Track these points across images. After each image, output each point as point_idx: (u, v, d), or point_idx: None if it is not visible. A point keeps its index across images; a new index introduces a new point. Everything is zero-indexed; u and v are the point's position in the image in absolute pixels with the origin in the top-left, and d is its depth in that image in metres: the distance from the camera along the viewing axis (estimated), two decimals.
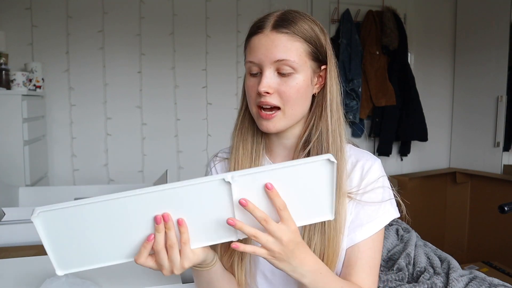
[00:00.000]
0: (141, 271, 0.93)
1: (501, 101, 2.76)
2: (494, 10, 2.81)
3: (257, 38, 0.72)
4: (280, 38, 0.71)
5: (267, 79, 0.71)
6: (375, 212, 0.75)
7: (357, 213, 0.75)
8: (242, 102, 0.82)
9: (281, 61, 0.70)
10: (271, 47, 0.70)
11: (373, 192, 0.76)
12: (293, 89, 0.71)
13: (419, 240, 1.52)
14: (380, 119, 2.99)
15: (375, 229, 0.74)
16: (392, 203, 0.77)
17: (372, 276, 0.74)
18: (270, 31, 0.71)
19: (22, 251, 1.17)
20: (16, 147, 1.89)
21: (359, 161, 0.78)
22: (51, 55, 2.40)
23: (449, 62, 3.24)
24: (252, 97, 0.74)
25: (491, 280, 1.19)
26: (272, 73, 0.71)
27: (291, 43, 0.71)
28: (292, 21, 0.72)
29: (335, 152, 0.75)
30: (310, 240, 0.72)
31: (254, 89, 0.73)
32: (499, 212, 1.28)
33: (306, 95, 0.74)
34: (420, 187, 2.97)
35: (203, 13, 2.69)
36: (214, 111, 2.76)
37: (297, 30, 0.71)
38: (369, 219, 0.74)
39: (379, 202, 0.75)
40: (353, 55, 2.82)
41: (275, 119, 0.73)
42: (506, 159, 2.79)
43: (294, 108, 0.73)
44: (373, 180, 0.76)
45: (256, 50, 0.72)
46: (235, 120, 0.84)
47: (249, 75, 0.75)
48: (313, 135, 0.76)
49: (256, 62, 0.72)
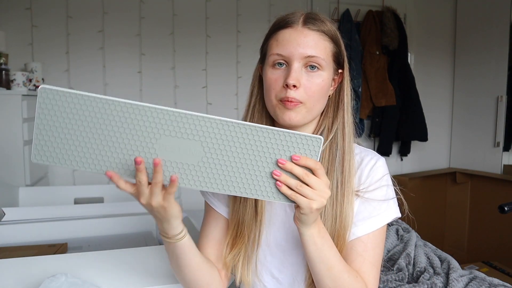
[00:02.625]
0: (141, 271, 0.93)
1: (501, 101, 2.76)
2: (494, 10, 2.81)
3: (287, 32, 0.73)
4: (312, 34, 0.72)
5: (296, 73, 0.71)
6: (378, 208, 0.76)
7: (360, 208, 0.76)
8: (250, 98, 0.82)
9: (311, 57, 0.71)
10: (302, 42, 0.71)
11: (378, 190, 0.77)
12: (318, 86, 0.73)
13: (419, 240, 1.52)
14: (380, 119, 3.00)
15: (377, 225, 0.75)
16: (394, 202, 0.78)
17: (373, 272, 0.75)
18: (301, 27, 0.72)
19: (22, 251, 1.17)
20: (16, 147, 1.89)
21: (365, 159, 0.79)
22: (51, 55, 2.40)
23: (449, 62, 3.24)
24: (276, 89, 0.73)
25: (491, 280, 1.19)
26: (300, 67, 0.72)
27: (321, 41, 0.72)
28: (321, 21, 0.73)
29: (348, 154, 0.76)
30: None
31: (278, 82, 0.73)
32: (499, 212, 1.29)
33: (326, 94, 0.76)
34: (420, 187, 2.97)
35: (203, 13, 2.69)
36: (214, 111, 2.76)
37: (326, 30, 0.73)
38: (372, 214, 0.75)
39: (383, 200, 0.76)
40: (353, 55, 2.82)
41: (298, 109, 0.72)
42: (506, 159, 2.79)
43: (316, 104, 0.74)
44: (378, 178, 0.77)
45: (286, 43, 0.72)
46: (242, 116, 0.84)
47: (272, 68, 0.74)
48: (326, 136, 0.77)
49: (285, 55, 0.72)
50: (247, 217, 0.78)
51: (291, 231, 0.79)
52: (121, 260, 0.99)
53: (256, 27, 2.69)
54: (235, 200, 0.80)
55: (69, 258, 1.02)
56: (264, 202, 0.79)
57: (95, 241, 1.34)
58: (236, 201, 0.79)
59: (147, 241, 1.35)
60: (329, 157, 0.76)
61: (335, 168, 0.75)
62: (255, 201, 0.78)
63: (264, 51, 0.78)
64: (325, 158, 0.77)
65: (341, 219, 0.73)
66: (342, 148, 0.76)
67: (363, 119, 2.99)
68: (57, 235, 1.35)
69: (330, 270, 0.69)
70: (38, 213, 1.42)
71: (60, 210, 1.45)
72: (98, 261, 0.98)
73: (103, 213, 1.49)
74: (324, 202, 0.62)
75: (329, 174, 0.75)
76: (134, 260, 0.99)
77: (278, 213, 0.80)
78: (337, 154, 0.76)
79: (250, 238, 0.79)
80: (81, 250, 1.25)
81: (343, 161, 0.76)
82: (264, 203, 0.79)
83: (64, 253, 1.20)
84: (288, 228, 0.79)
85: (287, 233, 0.79)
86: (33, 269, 0.91)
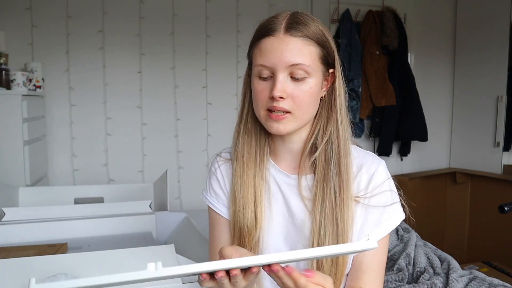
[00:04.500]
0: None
1: (501, 101, 2.76)
2: (494, 10, 2.81)
3: (269, 41, 0.69)
4: (294, 41, 0.68)
5: (281, 84, 0.68)
6: (383, 216, 0.74)
7: (365, 218, 0.75)
8: (243, 103, 0.80)
9: (296, 66, 0.68)
10: (285, 51, 0.68)
11: (381, 195, 0.75)
12: (307, 94, 0.70)
13: (419, 240, 1.52)
14: (380, 119, 2.99)
15: (384, 233, 0.74)
16: (398, 205, 0.77)
17: (379, 279, 0.75)
18: (283, 34, 0.69)
19: (22, 251, 1.17)
20: (16, 147, 1.89)
21: (365, 164, 0.77)
22: (51, 55, 2.40)
23: (449, 62, 3.24)
24: (262, 100, 0.71)
25: (491, 280, 1.19)
26: (285, 77, 0.69)
27: (305, 47, 0.69)
28: (305, 24, 0.70)
29: (345, 156, 0.74)
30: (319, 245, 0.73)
31: (264, 93, 0.71)
32: (499, 212, 1.28)
33: (316, 99, 0.74)
34: (420, 187, 2.97)
35: (203, 13, 2.69)
36: (214, 111, 2.76)
37: (310, 33, 0.70)
38: (378, 223, 0.74)
39: (387, 205, 0.75)
40: (353, 55, 2.82)
41: (286, 121, 0.71)
42: (506, 159, 2.79)
43: (305, 112, 0.72)
44: (379, 184, 0.76)
45: (269, 53, 0.69)
46: (236, 122, 0.82)
47: (258, 78, 0.72)
48: (321, 139, 0.75)
49: (269, 66, 0.69)
50: (247, 223, 0.77)
51: (290, 236, 0.78)
52: (121, 260, 0.99)
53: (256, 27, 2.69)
54: (234, 207, 0.79)
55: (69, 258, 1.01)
56: (263, 209, 0.78)
57: (95, 241, 1.34)
58: (236, 208, 0.78)
59: (147, 241, 1.35)
60: (325, 161, 0.74)
61: (331, 172, 0.73)
62: (254, 208, 0.77)
63: (249, 59, 0.76)
64: (320, 162, 0.75)
65: (342, 225, 0.72)
66: (337, 151, 0.74)
67: (363, 119, 2.99)
68: (57, 235, 1.35)
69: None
70: (38, 213, 1.42)
71: (60, 210, 1.45)
72: (98, 261, 0.98)
73: (103, 213, 1.49)
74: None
75: (325, 178, 0.74)
76: (134, 260, 0.99)
77: (276, 219, 0.79)
78: (332, 157, 0.74)
79: (252, 244, 0.78)
80: (81, 250, 1.25)
81: (339, 164, 0.74)
82: (263, 210, 0.78)
83: (64, 253, 1.20)
84: (287, 233, 0.78)
85: (286, 238, 0.78)
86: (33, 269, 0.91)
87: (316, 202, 0.73)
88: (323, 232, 0.72)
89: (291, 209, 0.78)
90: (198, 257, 1.11)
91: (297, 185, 0.77)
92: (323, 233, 0.72)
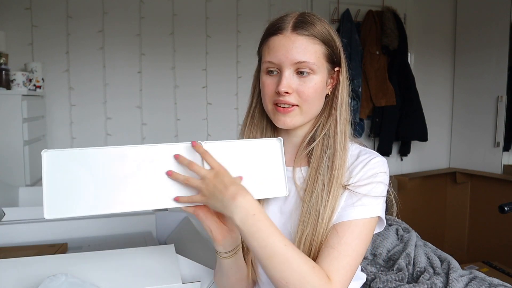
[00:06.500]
0: (141, 271, 0.93)
1: (501, 101, 2.76)
2: (494, 10, 2.81)
3: (277, 39, 0.74)
4: (300, 40, 0.73)
5: (287, 80, 0.73)
6: (361, 201, 0.73)
7: (345, 199, 0.75)
8: (251, 99, 0.85)
9: (301, 63, 0.73)
10: (291, 49, 0.73)
11: (368, 185, 0.74)
12: (311, 89, 0.75)
13: (419, 240, 1.52)
14: (380, 119, 3.00)
15: (354, 216, 0.72)
16: (381, 202, 0.75)
17: (337, 260, 0.69)
18: (290, 33, 0.73)
19: (22, 251, 1.17)
20: (16, 147, 1.89)
21: (360, 157, 0.78)
22: (51, 55, 2.40)
23: (449, 62, 3.24)
24: (269, 94, 0.77)
25: (491, 280, 1.19)
26: (291, 73, 0.74)
27: (311, 45, 0.74)
28: (312, 24, 0.74)
29: (340, 152, 0.76)
30: (302, 233, 0.73)
31: (271, 88, 0.76)
32: (499, 212, 1.29)
33: (321, 95, 0.78)
34: (420, 187, 2.97)
35: (203, 13, 2.69)
36: (214, 111, 2.76)
37: (316, 33, 0.74)
38: (354, 205, 0.73)
39: (369, 195, 0.74)
40: (353, 55, 2.82)
41: (292, 114, 0.76)
42: (506, 159, 2.79)
43: (311, 107, 0.76)
44: (371, 174, 0.75)
45: (276, 50, 0.74)
46: (244, 117, 0.87)
47: (266, 74, 0.77)
48: (319, 133, 0.78)
49: (276, 62, 0.74)
50: None
51: (284, 229, 0.79)
52: (121, 260, 0.99)
53: (256, 27, 2.68)
54: None
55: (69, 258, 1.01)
56: (262, 202, 0.79)
57: (95, 241, 1.34)
58: None
59: (147, 241, 1.35)
60: (320, 153, 0.77)
61: (323, 165, 0.75)
62: None
63: (259, 55, 0.81)
64: (316, 155, 0.77)
65: (322, 218, 0.72)
66: (333, 146, 0.77)
67: (363, 119, 2.99)
68: (57, 235, 1.35)
69: (271, 258, 0.64)
70: (38, 213, 1.42)
71: None
72: (98, 261, 0.98)
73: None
74: (210, 187, 0.66)
75: (317, 170, 0.75)
76: (134, 260, 0.99)
77: (272, 212, 0.80)
78: (327, 151, 0.76)
79: None
80: (81, 250, 1.25)
81: (333, 158, 0.76)
82: (262, 203, 0.80)
83: (64, 253, 1.20)
84: (282, 226, 0.79)
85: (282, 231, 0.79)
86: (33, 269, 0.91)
87: (306, 192, 0.76)
88: (306, 222, 0.73)
89: (286, 198, 0.80)
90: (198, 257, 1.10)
91: (292, 176, 0.80)
92: (306, 223, 0.73)
